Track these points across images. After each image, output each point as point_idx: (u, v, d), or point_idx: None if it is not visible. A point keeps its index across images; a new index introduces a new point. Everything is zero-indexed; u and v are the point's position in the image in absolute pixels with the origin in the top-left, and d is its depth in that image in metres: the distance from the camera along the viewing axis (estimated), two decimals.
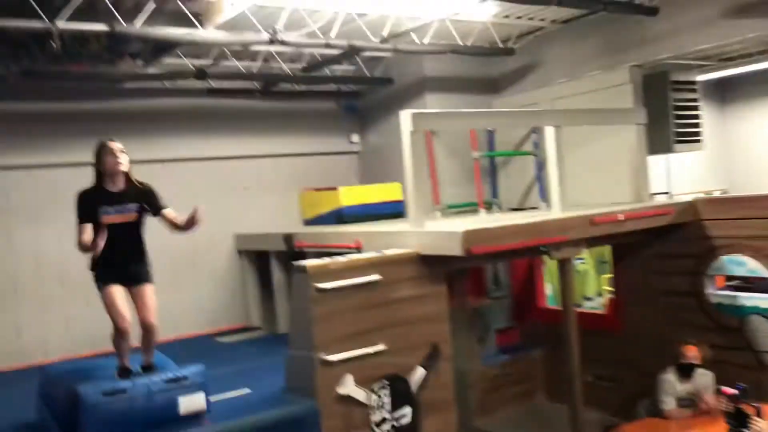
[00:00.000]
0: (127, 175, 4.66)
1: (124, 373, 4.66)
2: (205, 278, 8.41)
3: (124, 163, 4.59)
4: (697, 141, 8.13)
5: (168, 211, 4.80)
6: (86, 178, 7.67)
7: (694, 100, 8.16)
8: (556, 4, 6.06)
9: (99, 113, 7.65)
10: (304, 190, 8.92)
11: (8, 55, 6.28)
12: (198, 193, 7.73)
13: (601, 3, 6.25)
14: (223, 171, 8.59)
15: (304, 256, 7.34)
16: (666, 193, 9.88)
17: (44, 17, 5.27)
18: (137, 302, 4.69)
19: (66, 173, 7.59)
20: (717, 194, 10.57)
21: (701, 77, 8.68)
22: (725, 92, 11.62)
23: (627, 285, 7.36)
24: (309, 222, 8.70)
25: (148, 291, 4.72)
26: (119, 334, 4.56)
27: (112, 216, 4.55)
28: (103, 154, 4.59)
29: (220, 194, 8.35)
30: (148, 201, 4.74)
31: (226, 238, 8.49)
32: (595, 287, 9.62)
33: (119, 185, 4.63)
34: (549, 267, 8.34)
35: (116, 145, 4.60)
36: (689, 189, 10.64)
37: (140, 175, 4.80)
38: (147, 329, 4.68)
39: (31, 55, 6.30)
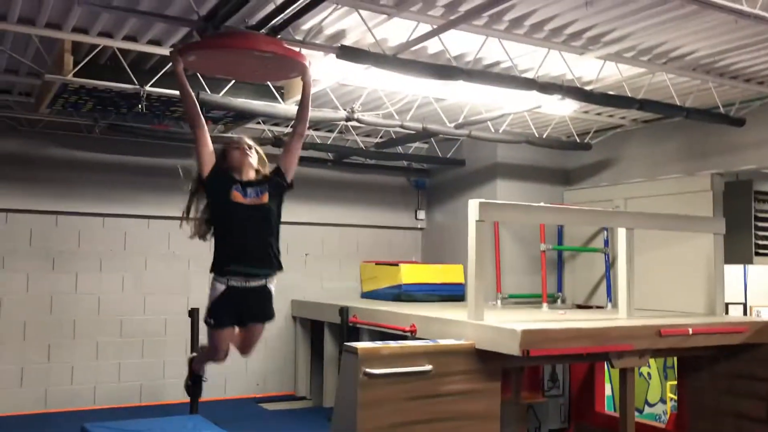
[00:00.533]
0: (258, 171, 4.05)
1: (197, 380, 4.80)
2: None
3: (253, 157, 3.99)
4: None
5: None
6: (154, 232, 7.85)
7: None
8: (637, 108, 5.94)
9: (174, 170, 7.86)
10: (365, 262, 8.90)
11: (98, 109, 6.58)
12: None
13: (684, 110, 6.09)
14: (287, 235, 8.62)
15: (357, 331, 7.27)
16: (743, 303, 9.41)
17: (135, 81, 5.49)
18: (245, 336, 4.24)
19: (135, 224, 7.86)
20: None
21: None
22: None
23: (692, 401, 6.92)
24: (367, 295, 8.63)
25: (261, 329, 4.22)
26: (212, 359, 4.39)
27: (241, 196, 3.90)
28: (228, 149, 4.01)
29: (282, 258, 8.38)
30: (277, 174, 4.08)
31: (283, 303, 8.49)
32: (658, 393, 9.14)
33: (249, 176, 3.99)
34: (609, 374, 7.98)
35: (246, 140, 4.05)
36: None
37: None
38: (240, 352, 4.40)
39: (118, 111, 6.58)
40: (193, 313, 6.08)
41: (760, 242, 7.65)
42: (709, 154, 7.20)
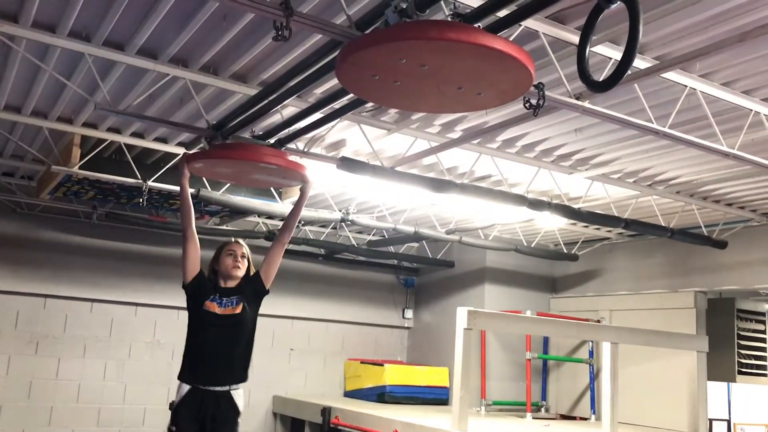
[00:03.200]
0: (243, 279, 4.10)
1: None
2: None
3: (242, 268, 4.06)
4: (763, 375, 7.80)
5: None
6: (140, 319, 7.85)
7: (762, 331, 7.94)
8: (623, 227, 6.14)
9: (165, 258, 7.92)
10: (350, 360, 8.86)
11: (98, 198, 6.70)
12: None
13: (668, 230, 6.29)
14: (272, 329, 8.63)
15: None
16: (726, 420, 9.37)
17: (138, 175, 5.65)
18: None
19: (122, 311, 7.83)
20: None
21: None
22: None
23: None
24: (350, 394, 8.55)
25: None
26: None
27: (216, 305, 3.95)
28: (222, 254, 4.09)
29: (266, 352, 8.34)
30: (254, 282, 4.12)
31: (264, 398, 8.38)
32: None
33: (230, 284, 4.07)
34: None
35: (242, 248, 4.10)
36: (753, 419, 10.06)
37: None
38: None
39: (117, 201, 6.70)
40: (173, 405, 6.00)
41: (743, 360, 7.70)
42: (692, 272, 7.36)
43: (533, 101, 3.39)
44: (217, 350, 3.91)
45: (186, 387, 3.92)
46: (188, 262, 3.96)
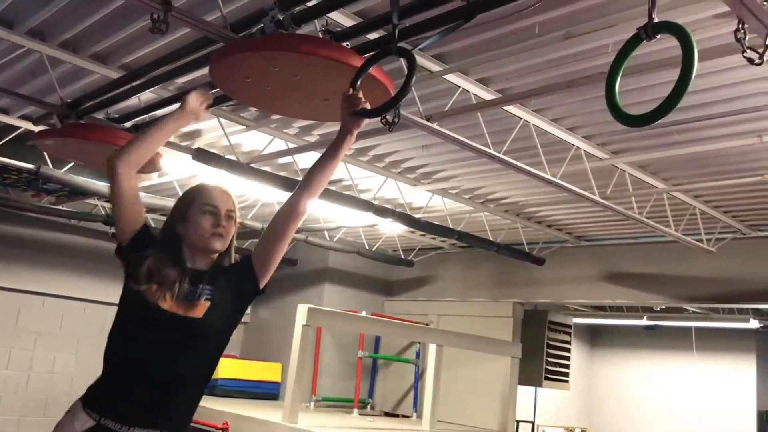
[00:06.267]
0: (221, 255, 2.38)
1: None
2: None
3: (226, 238, 2.33)
4: (565, 381, 8.69)
5: None
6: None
7: (567, 342, 8.83)
8: (456, 238, 6.64)
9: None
10: None
11: None
12: (78, 336, 7.52)
13: (495, 245, 6.90)
14: (105, 316, 8.35)
15: None
16: (531, 422, 10.29)
17: None
18: None
19: None
20: (578, 431, 11.09)
21: (576, 320, 9.46)
22: (596, 337, 12.55)
23: None
24: None
25: None
26: None
27: (170, 297, 2.23)
28: (192, 205, 2.33)
29: (98, 339, 8.04)
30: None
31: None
32: None
33: (199, 264, 2.33)
34: None
35: (227, 201, 2.38)
36: (554, 421, 11.13)
37: (19, 305, 4.52)
38: None
39: None
40: None
41: (550, 367, 8.53)
42: (513, 285, 8.08)
43: (389, 118, 3.68)
44: (155, 372, 2.19)
45: (85, 421, 2.15)
46: (125, 203, 2.22)
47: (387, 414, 8.69)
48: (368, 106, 2.22)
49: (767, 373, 10.47)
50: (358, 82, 2.28)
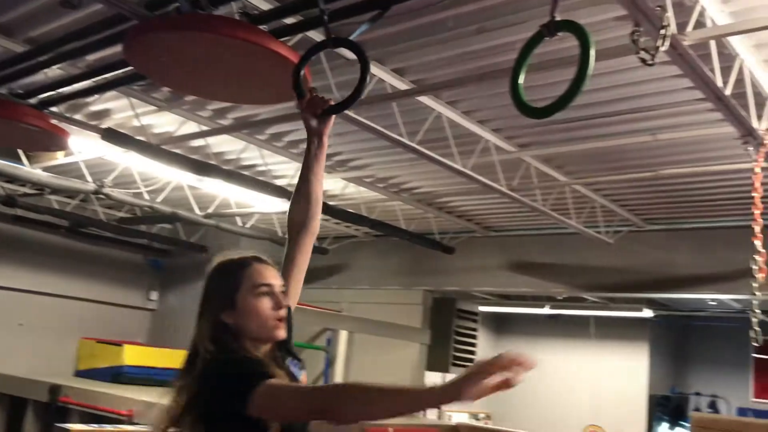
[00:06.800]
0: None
1: None
2: None
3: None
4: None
5: None
6: None
7: (474, 329, 9.11)
8: (369, 226, 6.74)
9: None
10: (84, 339, 8.48)
11: None
12: None
13: (407, 233, 7.04)
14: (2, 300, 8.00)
15: (66, 412, 6.87)
16: (437, 408, 10.54)
17: None
18: None
19: None
20: (482, 416, 11.45)
21: (483, 308, 9.76)
22: (502, 325, 12.96)
23: None
24: (82, 373, 8.18)
25: None
26: None
27: None
28: (243, 284, 1.93)
29: None
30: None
31: None
32: None
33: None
34: None
35: (275, 274, 2.03)
36: (461, 407, 11.44)
37: None
38: None
39: None
40: None
41: (458, 354, 8.78)
42: (424, 273, 8.26)
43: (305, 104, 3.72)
44: None
45: None
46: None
47: None
48: (332, 102, 2.10)
49: (658, 360, 11.12)
50: (302, 85, 2.18)
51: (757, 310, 3.84)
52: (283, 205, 6.68)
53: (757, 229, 3.79)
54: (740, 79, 3.58)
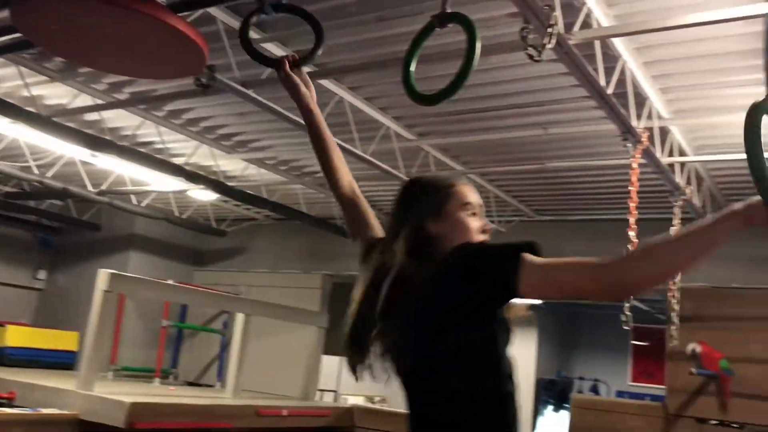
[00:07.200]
0: None
1: None
2: None
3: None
4: None
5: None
6: None
7: None
8: (270, 209, 6.73)
9: None
10: None
11: None
12: None
13: (308, 218, 7.07)
14: None
15: None
16: (333, 391, 10.66)
17: None
18: None
19: None
20: (377, 399, 11.65)
21: None
22: None
23: None
24: None
25: None
26: None
27: None
28: (454, 203, 1.78)
29: None
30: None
31: None
32: None
33: None
34: None
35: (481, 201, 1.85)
36: (356, 390, 11.59)
37: None
38: None
39: None
40: None
41: None
42: (324, 257, 8.32)
43: (204, 80, 3.69)
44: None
45: None
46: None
47: (190, 384, 8.60)
48: (297, 56, 2.12)
49: (546, 346, 11.66)
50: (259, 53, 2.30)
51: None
52: (180, 185, 6.57)
53: (632, 220, 4.07)
54: (622, 80, 3.83)
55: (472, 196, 1.80)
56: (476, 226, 1.75)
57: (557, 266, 1.50)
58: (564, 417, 10.28)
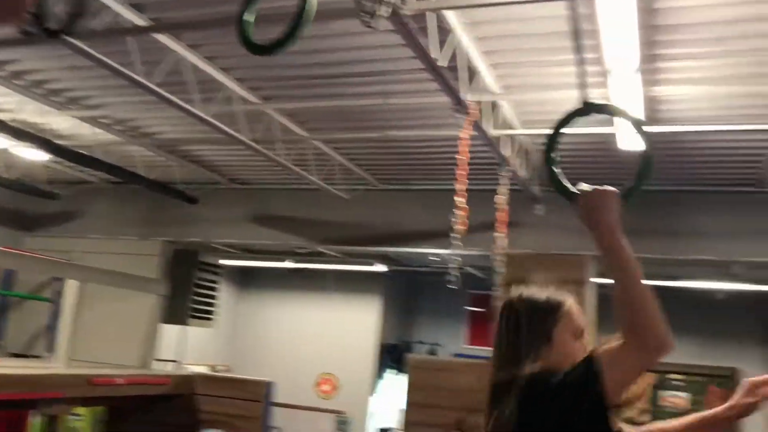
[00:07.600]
0: None
1: None
2: None
3: None
4: (210, 319, 8.99)
5: None
6: None
7: (215, 281, 9.12)
8: (106, 171, 6.43)
9: None
10: None
11: None
12: None
13: (145, 180, 6.83)
14: None
15: None
16: (174, 361, 10.42)
17: None
18: None
19: None
20: (221, 368, 11.55)
21: (226, 262, 9.80)
22: (246, 279, 13.09)
23: None
24: None
25: None
26: None
27: None
28: (564, 327, 1.86)
29: None
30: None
31: None
32: None
33: None
34: (35, 422, 7.90)
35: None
36: (199, 359, 11.41)
37: None
38: None
39: None
40: None
41: (197, 306, 8.73)
42: (164, 223, 8.07)
43: (30, 29, 3.46)
44: None
45: None
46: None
47: (15, 355, 8.09)
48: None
49: (390, 312, 12.06)
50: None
51: (457, 258, 4.37)
52: (4, 142, 6.12)
53: (460, 188, 4.30)
54: (456, 54, 4.02)
55: (581, 320, 1.86)
56: (580, 353, 1.77)
57: (619, 352, 1.59)
58: (404, 379, 10.74)
